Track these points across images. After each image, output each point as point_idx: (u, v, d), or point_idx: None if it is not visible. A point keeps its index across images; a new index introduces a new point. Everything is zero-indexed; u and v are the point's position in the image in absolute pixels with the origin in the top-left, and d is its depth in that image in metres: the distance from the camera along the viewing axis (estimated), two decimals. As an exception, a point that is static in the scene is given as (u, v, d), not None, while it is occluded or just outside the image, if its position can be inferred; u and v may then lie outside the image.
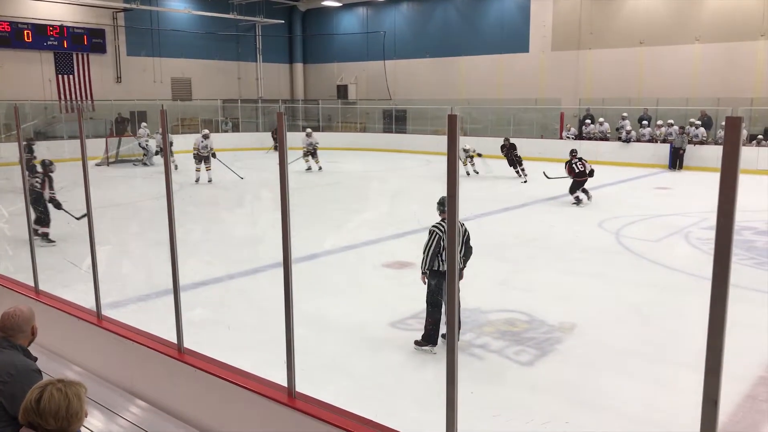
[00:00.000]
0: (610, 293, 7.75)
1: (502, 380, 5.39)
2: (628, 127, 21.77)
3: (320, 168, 19.93)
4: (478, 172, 18.80)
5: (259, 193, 14.65)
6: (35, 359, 3.25)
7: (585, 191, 13.89)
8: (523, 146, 22.94)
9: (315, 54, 33.53)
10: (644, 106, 22.60)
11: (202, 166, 16.99)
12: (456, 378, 2.63)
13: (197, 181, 16.75)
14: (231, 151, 23.30)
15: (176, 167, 18.02)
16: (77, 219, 9.47)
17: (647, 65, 23.15)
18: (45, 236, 9.97)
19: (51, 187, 10.15)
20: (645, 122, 22.07)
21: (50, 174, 10.24)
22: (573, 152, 14.30)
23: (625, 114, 22.20)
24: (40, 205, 9.93)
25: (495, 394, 5.11)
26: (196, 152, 16.97)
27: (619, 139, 21.86)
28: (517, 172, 17.77)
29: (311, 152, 20.02)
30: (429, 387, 5.14)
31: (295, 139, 20.43)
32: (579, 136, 22.94)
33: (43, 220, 10.06)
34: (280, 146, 3.29)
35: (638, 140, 21.74)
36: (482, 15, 27.51)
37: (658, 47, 22.80)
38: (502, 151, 18.25)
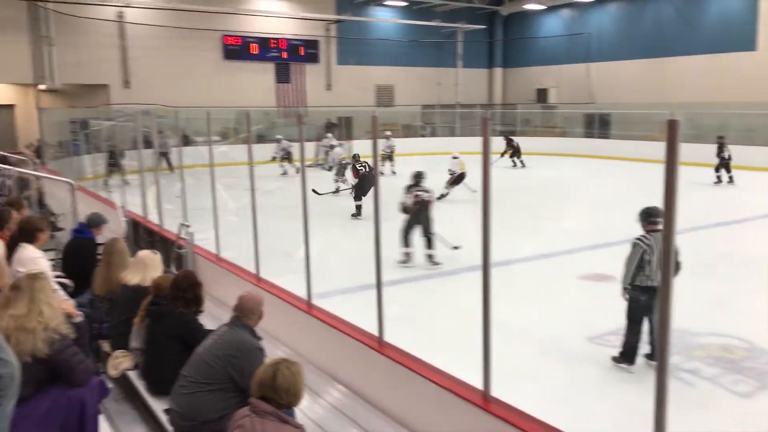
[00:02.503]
0: None
1: (715, 410, 4.93)
2: None
3: (393, 172, 19.72)
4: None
5: (457, 197, 14.82)
6: (260, 339, 3.64)
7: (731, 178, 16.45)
8: (748, 155, 20.65)
9: (515, 58, 33.15)
10: None
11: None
12: (666, 401, 2.48)
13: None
14: (428, 155, 23.89)
15: (394, 173, 19.33)
16: (454, 248, 9.36)
17: None
18: (431, 258, 9.26)
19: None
20: None
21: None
22: (721, 137, 17.66)
23: None
24: (427, 225, 9.22)
25: (706, 424, 4.69)
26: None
27: None
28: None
29: (388, 156, 20.18)
30: (628, 407, 4.87)
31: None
32: (818, 144, 20.11)
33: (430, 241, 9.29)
34: (484, 151, 3.33)
35: None
36: (701, 11, 25.19)
37: None
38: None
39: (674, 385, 5.20)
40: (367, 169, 13.20)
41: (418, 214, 9.22)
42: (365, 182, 12.82)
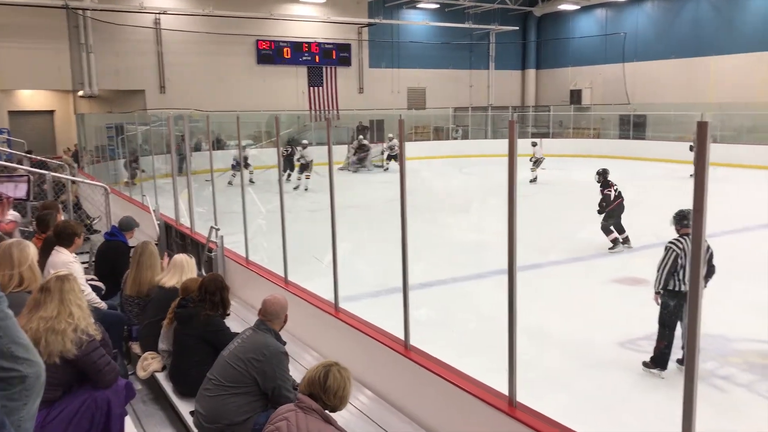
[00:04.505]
0: None
1: (749, 418, 4.78)
2: None
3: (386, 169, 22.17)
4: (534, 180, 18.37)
5: (487, 200, 14.70)
6: (284, 343, 3.64)
7: None
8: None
9: (548, 59, 32.81)
10: None
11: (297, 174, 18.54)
12: (694, 408, 2.40)
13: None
14: (459, 158, 23.79)
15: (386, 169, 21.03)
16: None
17: None
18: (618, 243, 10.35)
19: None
20: None
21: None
22: None
23: None
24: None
25: (739, 433, 4.56)
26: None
27: None
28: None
29: (393, 156, 21.70)
30: (658, 413, 4.75)
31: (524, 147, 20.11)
32: None
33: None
34: (510, 153, 3.28)
35: None
36: (741, 8, 24.55)
37: None
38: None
39: (707, 391, 5.09)
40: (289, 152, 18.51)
41: (621, 204, 10.52)
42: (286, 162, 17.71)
